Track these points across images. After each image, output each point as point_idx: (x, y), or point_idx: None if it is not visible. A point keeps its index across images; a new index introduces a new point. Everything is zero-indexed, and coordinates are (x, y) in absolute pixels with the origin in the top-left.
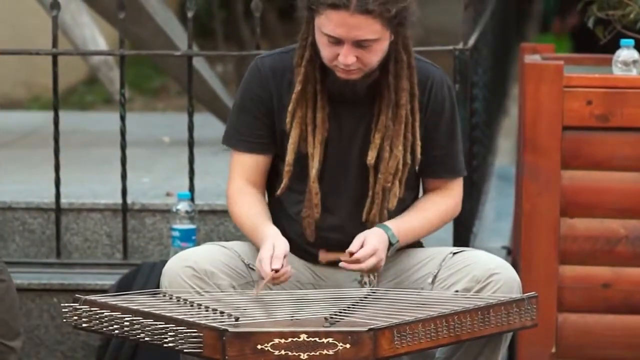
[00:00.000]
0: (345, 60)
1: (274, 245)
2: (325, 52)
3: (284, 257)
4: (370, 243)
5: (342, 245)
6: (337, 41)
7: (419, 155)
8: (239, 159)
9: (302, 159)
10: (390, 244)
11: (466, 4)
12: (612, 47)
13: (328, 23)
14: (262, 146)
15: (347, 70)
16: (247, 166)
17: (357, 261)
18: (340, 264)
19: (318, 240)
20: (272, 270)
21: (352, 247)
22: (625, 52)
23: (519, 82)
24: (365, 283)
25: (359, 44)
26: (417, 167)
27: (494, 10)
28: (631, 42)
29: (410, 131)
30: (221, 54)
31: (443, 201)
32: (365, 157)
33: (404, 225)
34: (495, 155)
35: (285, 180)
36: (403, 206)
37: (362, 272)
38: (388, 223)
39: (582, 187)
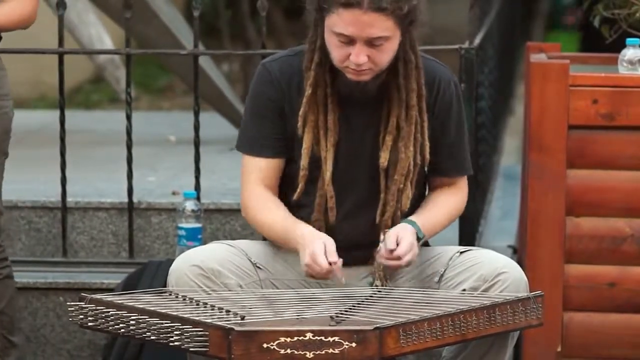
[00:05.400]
0: (357, 59)
1: (324, 242)
2: (336, 53)
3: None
4: (406, 239)
5: (353, 246)
6: (349, 41)
7: (427, 156)
8: (255, 164)
9: (313, 163)
10: (418, 239)
11: (472, 3)
12: (618, 46)
13: (340, 22)
14: (277, 149)
15: (358, 71)
16: (263, 171)
17: (398, 258)
18: (382, 260)
19: None
20: (330, 263)
21: (390, 244)
22: (631, 51)
23: (525, 81)
24: (377, 285)
25: (371, 43)
26: (426, 168)
27: (499, 9)
28: (637, 41)
29: (419, 132)
30: (227, 52)
31: (453, 198)
32: (376, 159)
33: (426, 220)
34: (501, 154)
35: (301, 185)
36: (413, 206)
37: (400, 268)
38: (412, 218)
39: (588, 186)
